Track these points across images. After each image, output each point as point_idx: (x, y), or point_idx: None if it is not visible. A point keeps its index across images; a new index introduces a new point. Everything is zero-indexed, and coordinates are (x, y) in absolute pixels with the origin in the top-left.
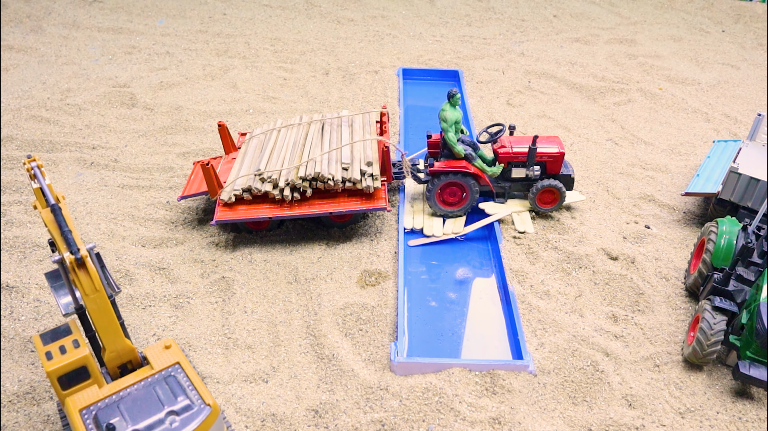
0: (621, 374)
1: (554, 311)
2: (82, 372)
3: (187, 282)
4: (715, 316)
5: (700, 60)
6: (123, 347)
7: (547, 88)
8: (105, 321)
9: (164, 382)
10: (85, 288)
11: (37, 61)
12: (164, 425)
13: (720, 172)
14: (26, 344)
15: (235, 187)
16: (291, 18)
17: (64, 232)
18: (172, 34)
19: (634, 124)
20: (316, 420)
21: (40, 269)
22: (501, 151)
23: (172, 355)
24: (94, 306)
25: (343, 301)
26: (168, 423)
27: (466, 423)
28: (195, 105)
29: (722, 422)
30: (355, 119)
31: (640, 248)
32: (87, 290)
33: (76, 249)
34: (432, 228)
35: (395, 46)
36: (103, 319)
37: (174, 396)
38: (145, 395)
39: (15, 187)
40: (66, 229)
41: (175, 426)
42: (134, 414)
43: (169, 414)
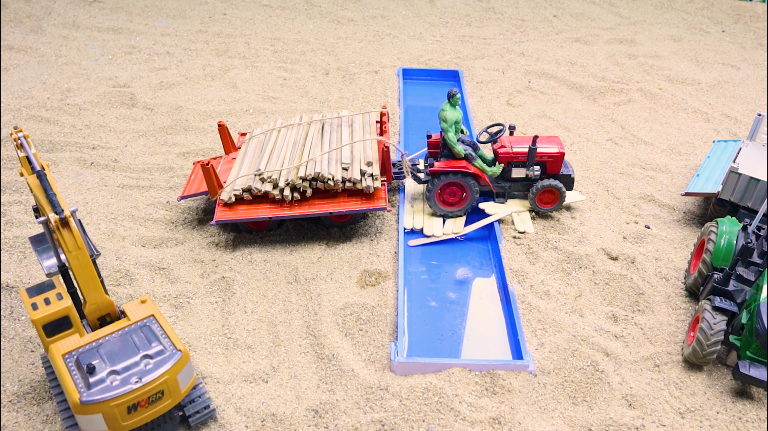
0: (621, 374)
1: (554, 311)
2: (65, 321)
3: (187, 282)
4: (715, 316)
5: (700, 60)
6: (102, 301)
7: (547, 88)
8: (86, 276)
9: (140, 331)
10: (69, 245)
11: (37, 61)
12: (139, 367)
13: (720, 172)
14: (26, 344)
15: (235, 187)
16: (291, 18)
17: (49, 195)
18: (172, 34)
19: (634, 124)
20: (316, 420)
21: (39, 269)
22: (501, 151)
23: (147, 309)
24: (77, 263)
25: (343, 301)
26: (143, 365)
27: (466, 423)
28: (195, 105)
29: (722, 422)
30: (355, 119)
31: (640, 248)
32: (70, 247)
33: (60, 209)
34: (432, 228)
35: (395, 46)
36: (84, 275)
37: (149, 343)
38: (122, 342)
39: (15, 186)
40: (51, 192)
41: (149, 368)
42: (112, 357)
43: (144, 358)
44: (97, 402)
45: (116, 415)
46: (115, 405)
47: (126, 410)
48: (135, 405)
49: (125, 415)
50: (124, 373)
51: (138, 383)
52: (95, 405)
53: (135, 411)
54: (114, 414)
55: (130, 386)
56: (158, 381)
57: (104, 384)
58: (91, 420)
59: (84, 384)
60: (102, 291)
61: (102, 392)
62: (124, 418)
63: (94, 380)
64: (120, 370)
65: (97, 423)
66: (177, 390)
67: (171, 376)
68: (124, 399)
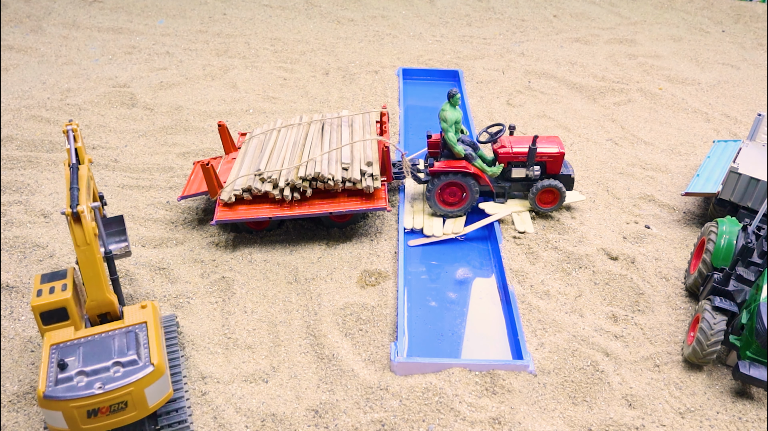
0: (621, 374)
1: (554, 311)
2: (62, 313)
3: (187, 282)
4: (715, 316)
5: (700, 60)
6: (103, 299)
7: (547, 88)
8: (90, 272)
9: (124, 336)
10: (78, 239)
11: (37, 61)
12: (108, 373)
13: (720, 172)
14: (26, 344)
15: (235, 187)
16: (291, 18)
17: (71, 189)
18: (172, 34)
19: (634, 124)
20: (316, 420)
21: (40, 269)
22: (501, 151)
23: (144, 315)
24: (83, 258)
25: (343, 301)
26: (111, 372)
27: (466, 423)
28: (195, 105)
29: (722, 422)
30: (355, 119)
31: (640, 248)
32: (79, 241)
33: (75, 204)
34: (432, 228)
35: (395, 46)
36: (88, 271)
37: (126, 350)
38: (103, 344)
39: (15, 187)
40: (74, 187)
41: (117, 376)
42: (87, 357)
43: (114, 364)
44: (58, 399)
45: (75, 417)
46: (74, 406)
47: (86, 414)
48: (95, 411)
49: (85, 418)
50: (91, 376)
51: (100, 389)
52: (56, 402)
53: (95, 416)
54: (73, 416)
55: (91, 391)
56: (121, 391)
57: (70, 383)
58: (52, 416)
59: (53, 378)
60: (104, 290)
61: (65, 391)
62: (84, 421)
63: (63, 377)
64: (89, 372)
65: (59, 421)
66: (143, 404)
67: (137, 389)
68: (83, 402)
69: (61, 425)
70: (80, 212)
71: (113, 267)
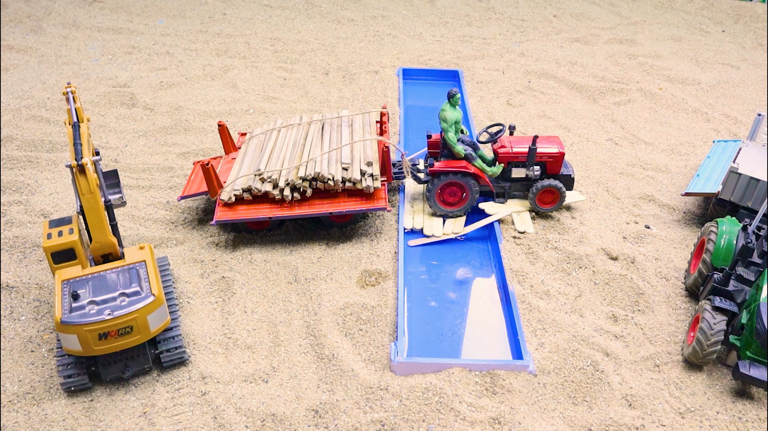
0: (621, 374)
1: (554, 311)
2: (70, 253)
3: (187, 282)
4: (715, 316)
5: (700, 60)
6: (106, 241)
7: (547, 88)
8: (94, 218)
9: (127, 272)
10: (83, 188)
11: (37, 61)
12: (115, 302)
13: (720, 172)
14: (26, 344)
15: (235, 187)
16: (291, 18)
17: (75, 144)
18: (172, 34)
19: (634, 124)
20: (316, 420)
21: (40, 269)
22: (501, 151)
23: (142, 255)
24: (87, 205)
25: (343, 301)
26: (118, 301)
27: (466, 423)
28: (195, 105)
29: (722, 422)
30: (355, 119)
31: (640, 248)
32: (83, 190)
33: (80, 157)
34: (432, 228)
35: (395, 46)
36: (93, 216)
37: (129, 283)
38: (108, 279)
39: (15, 186)
40: (78, 142)
41: (123, 304)
42: (96, 290)
43: (121, 295)
44: (73, 324)
45: (89, 339)
46: (87, 329)
47: (97, 336)
48: (105, 334)
49: (96, 341)
50: (101, 305)
51: (110, 315)
52: (72, 326)
53: (105, 339)
54: (87, 338)
55: (102, 316)
56: (128, 317)
57: (83, 311)
58: (68, 338)
59: (68, 307)
60: (106, 233)
61: (79, 317)
62: (96, 343)
63: (76, 306)
64: (99, 302)
65: (73, 343)
66: (146, 329)
67: (141, 315)
68: (95, 326)
69: (75, 347)
70: (84, 164)
71: (112, 214)
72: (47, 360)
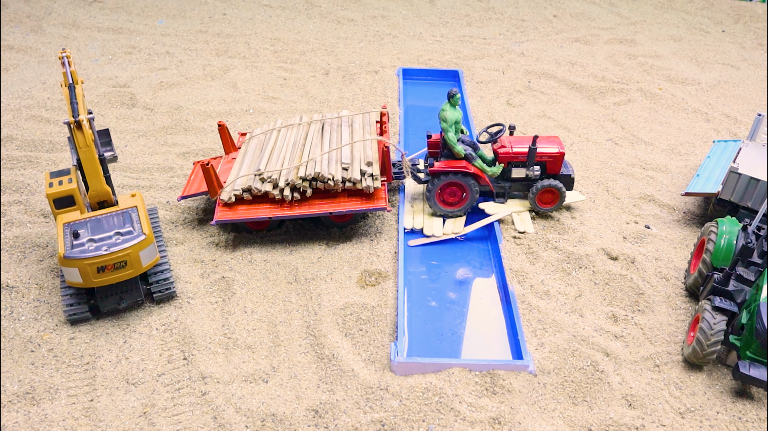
0: (621, 374)
1: (554, 311)
2: (70, 199)
3: (187, 282)
4: (715, 316)
5: (700, 60)
6: (101, 189)
7: (547, 88)
8: (91, 168)
9: (121, 216)
10: (80, 142)
11: (37, 61)
12: (111, 240)
13: (720, 172)
14: (26, 344)
15: (235, 187)
16: (291, 18)
17: (72, 103)
18: (172, 34)
19: (634, 124)
20: (316, 420)
21: (40, 269)
22: (501, 151)
23: (134, 201)
24: (85, 157)
25: (343, 301)
26: (114, 239)
27: (466, 423)
28: (195, 105)
29: (722, 422)
30: (355, 119)
31: (640, 248)
32: (80, 144)
33: (76, 115)
34: (432, 228)
35: (395, 46)
36: (89, 167)
37: (123, 224)
38: (105, 221)
39: (15, 187)
40: (74, 101)
41: (118, 242)
42: (94, 229)
43: (116, 234)
44: (75, 258)
45: (88, 272)
46: (87, 263)
47: (96, 269)
48: (103, 268)
49: (95, 273)
50: (99, 242)
51: (107, 251)
52: (73, 260)
53: (103, 272)
54: (87, 271)
55: (100, 252)
56: (122, 252)
57: (83, 247)
58: (70, 272)
59: (69, 245)
60: (102, 182)
61: (80, 252)
62: (95, 276)
63: (77, 243)
64: (97, 240)
65: (75, 276)
66: (138, 263)
67: (133, 251)
68: (94, 260)
69: (77, 279)
70: (81, 120)
71: (105, 167)
72: (47, 360)
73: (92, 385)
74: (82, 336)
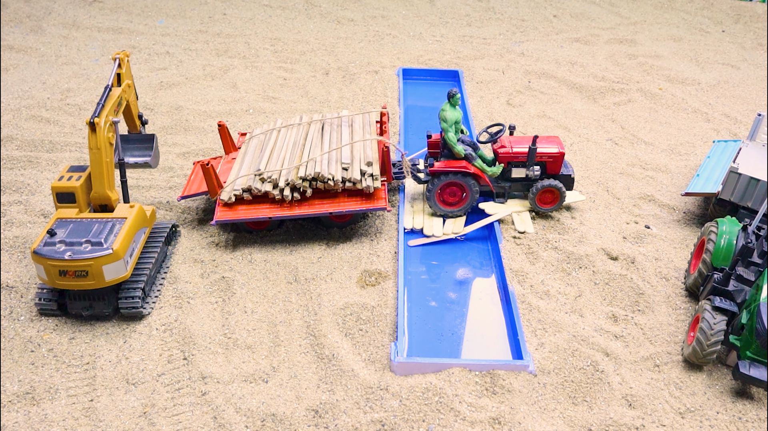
0: (621, 374)
1: (554, 311)
2: (71, 196)
3: (187, 282)
4: (715, 316)
5: (700, 60)
6: (103, 193)
7: (547, 88)
8: (96, 171)
9: (104, 224)
10: (90, 143)
11: (37, 61)
12: (80, 247)
13: (720, 172)
14: (26, 344)
15: (235, 187)
16: (291, 18)
17: (97, 104)
18: (172, 34)
19: (634, 124)
20: (316, 420)
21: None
22: (501, 151)
23: (126, 212)
24: (92, 159)
25: (343, 301)
26: (82, 247)
27: (466, 423)
28: (195, 105)
29: (722, 422)
30: (355, 119)
31: (640, 248)
32: (91, 145)
33: (94, 116)
34: (432, 228)
35: (395, 46)
36: (95, 169)
37: (99, 234)
38: (87, 226)
39: (15, 187)
40: (100, 102)
41: (84, 250)
42: (72, 233)
43: (86, 242)
44: (41, 256)
45: (51, 272)
46: (50, 264)
47: (58, 272)
48: (65, 272)
49: (57, 276)
50: (68, 246)
51: (70, 257)
52: (39, 257)
53: (65, 276)
54: (50, 271)
55: (63, 256)
56: (83, 262)
57: (53, 247)
58: (39, 268)
59: (43, 242)
60: (104, 186)
61: (48, 252)
62: (57, 278)
63: (49, 241)
64: (68, 243)
65: (42, 272)
66: (101, 277)
67: (96, 264)
68: (56, 263)
69: (43, 276)
70: (96, 122)
71: (123, 171)
72: (47, 360)
73: (92, 385)
74: (82, 336)
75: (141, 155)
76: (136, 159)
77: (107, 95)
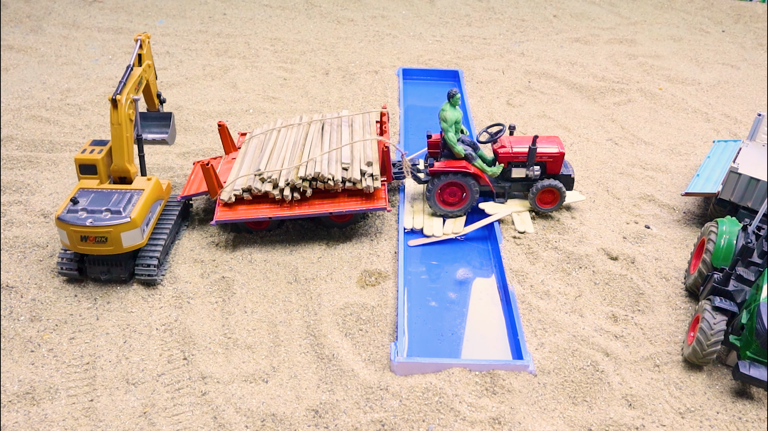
0: (621, 374)
1: (554, 311)
2: (93, 168)
3: (187, 282)
4: (715, 316)
5: (700, 60)
6: (122, 166)
7: (547, 88)
8: (116, 145)
9: (123, 194)
10: (112, 119)
11: (37, 61)
12: (100, 215)
13: (720, 172)
14: (26, 344)
15: (235, 187)
16: (291, 18)
17: (120, 82)
18: (172, 34)
19: (634, 124)
20: (316, 420)
21: (40, 269)
22: (501, 151)
23: (144, 184)
24: (114, 133)
25: (343, 301)
26: (102, 215)
27: (466, 423)
28: (195, 105)
29: (722, 422)
30: (355, 119)
31: (640, 248)
32: (112, 120)
33: (116, 93)
34: (432, 228)
35: (395, 46)
36: (115, 143)
37: (118, 204)
38: (108, 196)
39: (15, 187)
40: (122, 81)
41: (104, 218)
42: (94, 202)
43: (106, 210)
44: (64, 222)
45: (73, 237)
46: (73, 230)
47: (79, 237)
48: (86, 237)
49: (79, 241)
50: (90, 214)
51: (91, 223)
52: (64, 224)
53: (86, 241)
54: (72, 236)
55: (84, 223)
56: (103, 229)
57: (76, 214)
58: (62, 233)
59: (66, 209)
60: (124, 159)
61: (71, 218)
62: (78, 243)
63: (72, 209)
64: (89, 211)
65: (64, 237)
66: (119, 243)
67: (114, 230)
68: (78, 228)
69: (65, 241)
70: (118, 99)
71: (141, 146)
72: (47, 360)
73: (92, 385)
74: (82, 336)
75: (159, 132)
76: (154, 135)
77: (129, 74)
